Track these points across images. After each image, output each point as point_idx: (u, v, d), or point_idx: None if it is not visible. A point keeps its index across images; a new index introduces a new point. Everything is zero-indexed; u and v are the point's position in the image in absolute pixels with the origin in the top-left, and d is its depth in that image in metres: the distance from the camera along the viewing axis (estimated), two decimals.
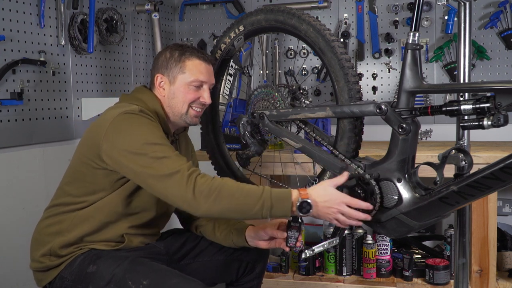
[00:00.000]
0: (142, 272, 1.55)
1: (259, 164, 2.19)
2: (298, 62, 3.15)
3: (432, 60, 2.94)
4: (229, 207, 1.47)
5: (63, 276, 1.64)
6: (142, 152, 1.52)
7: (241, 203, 1.47)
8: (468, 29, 1.59)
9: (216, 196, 1.46)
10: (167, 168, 1.49)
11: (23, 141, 2.24)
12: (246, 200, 1.47)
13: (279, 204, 1.49)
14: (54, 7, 2.40)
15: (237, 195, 1.47)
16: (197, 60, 1.72)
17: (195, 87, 1.72)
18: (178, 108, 1.73)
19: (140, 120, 1.59)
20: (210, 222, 1.90)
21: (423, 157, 1.89)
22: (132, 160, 1.53)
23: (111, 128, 1.57)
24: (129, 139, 1.55)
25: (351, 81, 1.56)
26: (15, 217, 2.17)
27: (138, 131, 1.56)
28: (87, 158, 1.64)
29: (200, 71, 1.72)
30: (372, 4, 3.01)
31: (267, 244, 1.81)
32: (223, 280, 1.95)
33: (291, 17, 1.66)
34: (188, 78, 1.71)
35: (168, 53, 1.74)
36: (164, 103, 1.74)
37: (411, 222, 1.47)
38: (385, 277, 2.60)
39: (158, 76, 1.74)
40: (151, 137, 1.56)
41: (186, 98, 1.72)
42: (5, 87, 2.13)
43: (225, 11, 3.25)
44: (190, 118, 1.76)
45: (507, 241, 2.64)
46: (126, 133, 1.56)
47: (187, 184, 1.47)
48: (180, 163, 1.51)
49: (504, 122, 1.29)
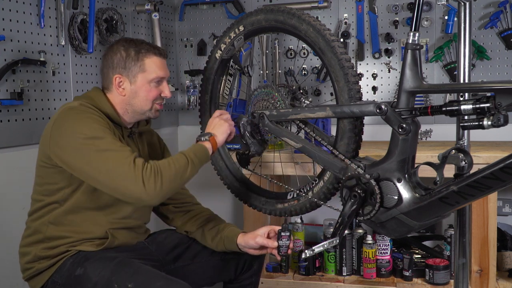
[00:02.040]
0: (128, 275, 1.56)
1: (259, 164, 2.19)
2: (298, 62, 3.15)
3: (432, 60, 2.94)
4: (173, 182, 1.56)
5: (55, 280, 1.66)
6: (85, 148, 1.55)
7: (177, 172, 1.57)
8: (468, 29, 1.58)
9: (160, 177, 1.52)
10: (112, 162, 1.52)
11: (23, 141, 2.24)
12: (179, 166, 1.58)
13: (199, 153, 1.65)
14: (54, 7, 2.40)
15: (172, 167, 1.56)
16: (154, 56, 1.75)
17: (156, 84, 1.75)
18: (141, 106, 1.75)
19: (80, 114, 1.62)
20: (199, 230, 1.91)
21: (423, 157, 1.89)
22: (77, 158, 1.56)
23: (55, 127, 1.61)
24: (70, 136, 1.57)
25: (351, 81, 1.56)
26: (15, 217, 2.17)
27: (78, 127, 1.58)
28: (41, 160, 1.67)
29: (159, 67, 1.75)
30: (372, 4, 3.01)
31: (258, 252, 1.82)
32: (222, 279, 1.95)
33: (291, 17, 1.66)
34: (149, 76, 1.73)
35: (123, 51, 1.73)
36: (123, 101, 1.74)
37: (411, 222, 1.47)
38: (385, 277, 2.60)
39: (116, 76, 1.73)
40: (92, 131, 1.57)
41: (149, 96, 1.74)
42: (5, 87, 2.13)
43: (225, 11, 3.25)
44: (154, 112, 1.78)
45: (507, 241, 2.64)
46: (67, 130, 1.59)
47: (137, 176, 1.50)
48: (124, 154, 1.54)
49: (504, 122, 1.29)
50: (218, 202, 2.80)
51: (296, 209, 1.79)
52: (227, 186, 2.03)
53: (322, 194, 1.70)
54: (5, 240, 2.14)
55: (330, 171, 1.65)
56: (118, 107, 1.75)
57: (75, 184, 1.66)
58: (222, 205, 3.07)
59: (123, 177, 1.50)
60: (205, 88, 1.99)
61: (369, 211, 1.52)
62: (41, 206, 1.70)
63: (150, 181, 1.50)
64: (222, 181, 2.03)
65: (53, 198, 1.68)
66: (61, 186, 1.66)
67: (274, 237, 1.79)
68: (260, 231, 1.80)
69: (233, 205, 3.33)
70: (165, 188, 1.53)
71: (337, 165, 1.61)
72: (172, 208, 1.96)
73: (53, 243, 1.68)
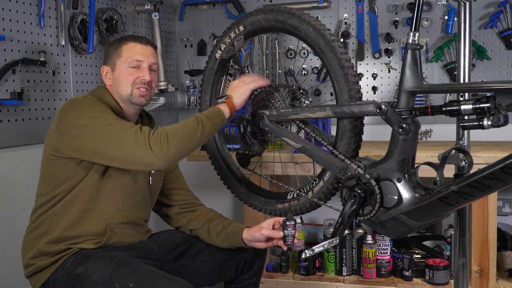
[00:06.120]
0: (128, 274, 1.56)
1: (259, 164, 2.19)
2: (298, 62, 3.15)
3: (432, 60, 2.94)
4: (181, 144, 1.57)
5: (55, 278, 1.66)
6: (91, 126, 1.59)
7: (186, 134, 1.58)
8: (468, 29, 1.58)
9: (166, 140, 1.54)
10: (118, 132, 1.57)
11: (23, 141, 2.24)
12: (188, 129, 1.59)
13: (212, 116, 1.65)
14: (54, 7, 2.40)
15: (180, 130, 1.58)
16: (132, 43, 1.80)
17: (133, 68, 1.78)
18: (123, 91, 1.78)
19: (84, 102, 1.68)
20: (204, 226, 1.91)
21: (423, 157, 1.89)
22: (84, 138, 1.61)
23: (59, 120, 1.66)
24: (74, 120, 1.63)
25: (351, 81, 1.56)
26: (16, 217, 2.17)
27: (83, 111, 1.64)
28: (47, 154, 1.70)
29: (135, 51, 1.79)
30: (372, 4, 3.01)
31: (264, 245, 1.82)
32: (222, 279, 1.95)
33: (291, 17, 1.65)
34: (125, 60, 1.78)
35: (110, 45, 1.84)
36: (112, 92, 1.80)
37: (411, 222, 1.47)
38: (385, 277, 2.60)
39: (103, 68, 1.83)
40: (95, 112, 1.63)
41: (127, 80, 1.78)
42: (5, 87, 2.13)
43: (225, 11, 3.25)
44: (136, 98, 1.79)
45: (507, 241, 2.64)
46: (71, 116, 1.64)
47: (144, 141, 1.54)
48: (129, 125, 1.60)
49: (504, 122, 1.28)
50: (218, 202, 2.79)
51: (296, 209, 1.79)
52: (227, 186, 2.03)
53: (322, 194, 1.70)
54: (5, 240, 2.14)
55: (330, 171, 1.65)
56: (118, 101, 1.80)
57: (80, 174, 1.69)
58: (222, 205, 3.07)
59: (130, 145, 1.55)
60: (205, 88, 1.99)
61: (369, 211, 1.52)
62: (46, 200, 1.72)
63: (157, 144, 1.54)
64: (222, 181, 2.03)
65: (58, 190, 1.70)
66: (67, 178, 1.69)
67: (279, 228, 1.79)
68: (265, 224, 1.81)
69: (233, 205, 3.33)
70: (173, 151, 1.55)
71: (337, 165, 1.61)
72: (177, 210, 1.97)
73: (56, 234, 1.68)
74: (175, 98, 3.37)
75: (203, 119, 1.62)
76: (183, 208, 1.97)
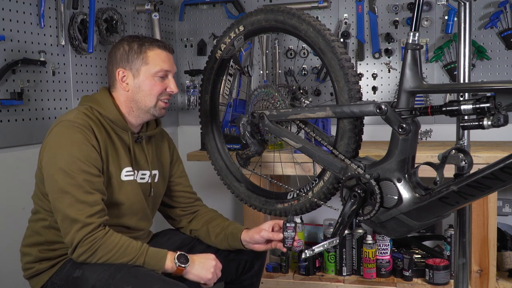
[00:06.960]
0: (125, 277, 1.55)
1: (259, 164, 2.19)
2: (298, 62, 3.15)
3: (432, 60, 2.94)
4: (102, 259, 1.55)
5: (54, 281, 1.66)
6: (54, 178, 1.56)
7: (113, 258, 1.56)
8: (468, 29, 1.58)
9: (91, 254, 1.54)
10: (66, 208, 1.53)
11: (23, 141, 2.24)
12: (119, 255, 1.56)
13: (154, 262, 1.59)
14: (54, 7, 2.40)
15: (113, 252, 1.55)
16: (158, 49, 1.70)
17: (160, 78, 1.70)
18: (145, 102, 1.70)
19: (70, 135, 1.58)
20: (204, 227, 1.91)
21: (423, 157, 1.89)
22: (48, 181, 1.58)
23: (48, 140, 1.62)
24: (51, 158, 1.58)
25: (351, 81, 1.56)
26: (16, 217, 2.17)
27: (60, 151, 1.57)
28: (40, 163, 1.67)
29: (163, 60, 1.70)
30: (372, 4, 3.01)
31: (263, 247, 1.82)
32: (222, 279, 1.95)
33: (291, 17, 1.65)
34: (153, 69, 1.68)
35: (126, 45, 1.70)
36: (127, 98, 1.71)
37: (411, 222, 1.47)
38: (385, 277, 2.60)
39: (119, 70, 1.70)
40: (68, 164, 1.55)
41: (153, 91, 1.69)
42: (5, 87, 2.13)
43: (225, 11, 3.25)
44: (159, 110, 1.73)
45: (507, 241, 2.64)
46: (54, 150, 1.59)
47: (75, 235, 1.53)
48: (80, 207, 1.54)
49: (504, 122, 1.28)
50: (218, 202, 2.79)
51: (296, 209, 1.79)
52: (227, 186, 2.03)
53: (322, 194, 1.70)
54: (5, 240, 2.15)
55: (330, 171, 1.65)
56: (123, 107, 1.72)
57: None
58: (222, 205, 3.07)
59: (66, 226, 1.54)
60: (205, 88, 1.99)
61: (369, 211, 1.52)
62: (41, 209, 1.70)
63: (81, 249, 1.54)
64: (222, 181, 2.03)
65: None
66: None
67: (279, 230, 1.79)
68: (264, 226, 1.80)
69: (233, 205, 3.33)
70: (90, 260, 1.56)
71: (337, 165, 1.61)
72: (179, 212, 1.97)
73: (53, 246, 1.69)
74: (175, 98, 3.37)
75: (142, 260, 1.58)
76: (185, 210, 1.97)
